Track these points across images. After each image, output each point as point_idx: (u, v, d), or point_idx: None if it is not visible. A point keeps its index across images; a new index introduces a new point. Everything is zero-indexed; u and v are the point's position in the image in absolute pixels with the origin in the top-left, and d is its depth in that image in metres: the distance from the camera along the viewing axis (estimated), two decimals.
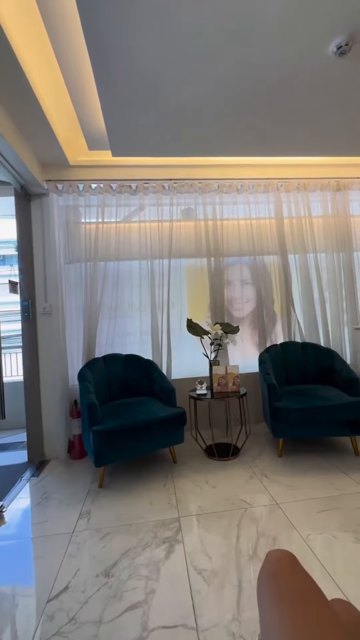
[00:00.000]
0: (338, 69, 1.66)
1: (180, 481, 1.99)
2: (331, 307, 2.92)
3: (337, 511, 1.59)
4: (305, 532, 1.46)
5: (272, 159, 2.78)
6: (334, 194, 2.96)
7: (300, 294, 2.91)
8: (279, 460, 2.18)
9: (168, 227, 2.81)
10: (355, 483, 1.83)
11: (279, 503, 1.69)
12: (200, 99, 1.83)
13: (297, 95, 1.86)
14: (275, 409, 2.12)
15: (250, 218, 2.87)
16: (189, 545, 1.42)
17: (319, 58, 1.59)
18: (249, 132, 2.21)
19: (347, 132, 2.30)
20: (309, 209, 2.94)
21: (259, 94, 1.82)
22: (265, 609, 0.45)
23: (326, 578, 1.19)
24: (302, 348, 2.72)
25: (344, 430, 2.11)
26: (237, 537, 1.45)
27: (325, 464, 2.09)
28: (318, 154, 2.62)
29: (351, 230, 3.00)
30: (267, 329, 2.88)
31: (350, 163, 2.94)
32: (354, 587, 1.15)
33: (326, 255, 2.97)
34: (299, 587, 0.45)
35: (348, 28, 1.41)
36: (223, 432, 2.69)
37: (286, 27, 1.40)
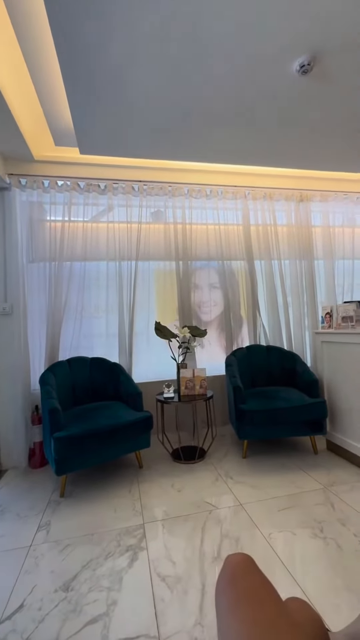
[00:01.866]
0: (301, 87, 1.75)
1: (146, 486, 1.96)
2: (294, 312, 3.06)
3: (296, 509, 1.65)
4: (267, 530, 1.49)
5: (240, 167, 2.86)
6: (298, 204, 3.11)
7: (266, 298, 3.02)
8: (243, 461, 2.23)
9: (137, 228, 2.78)
10: (314, 480, 1.92)
11: (243, 504, 1.72)
12: (167, 103, 1.84)
13: (261, 108, 1.93)
14: (240, 411, 2.16)
15: (219, 223, 2.93)
16: (153, 551, 1.40)
17: (283, 75, 1.66)
18: (216, 140, 2.26)
19: (306, 148, 2.42)
20: (274, 218, 3.06)
21: (224, 104, 1.87)
22: (222, 614, 0.45)
23: (286, 575, 1.23)
24: (266, 351, 2.81)
25: (304, 430, 2.20)
26: (202, 540, 1.45)
27: (287, 463, 2.17)
28: (282, 166, 2.73)
29: (312, 240, 3.16)
30: (234, 333, 2.94)
31: (312, 176, 3.11)
32: (312, 582, 1.19)
33: (290, 262, 3.10)
34: (254, 590, 0.45)
35: (310, 48, 1.50)
36: (190, 435, 2.70)
37: (251, 43, 1.45)
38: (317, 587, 1.16)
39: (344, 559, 1.30)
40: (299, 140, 2.31)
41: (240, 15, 1.33)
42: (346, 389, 2.16)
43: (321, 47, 1.49)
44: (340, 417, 2.22)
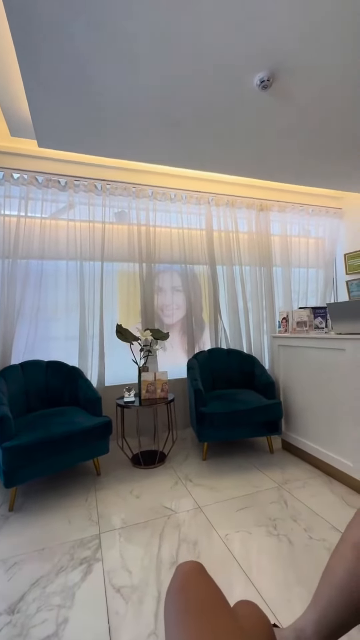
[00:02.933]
0: (261, 101, 1.83)
1: (104, 494, 1.89)
2: (253, 316, 3.17)
3: (253, 508, 1.70)
4: (224, 531, 1.52)
5: (204, 174, 2.91)
6: (258, 213, 3.24)
7: (227, 303, 3.09)
8: (203, 464, 2.25)
9: (100, 228, 2.71)
10: (269, 479, 1.99)
11: (202, 506, 1.73)
12: (131, 104, 1.82)
13: (223, 119, 1.98)
14: (201, 414, 2.18)
15: (183, 227, 2.95)
16: (109, 562, 1.35)
17: (244, 88, 1.72)
18: (178, 146, 2.27)
19: (265, 160, 2.53)
20: (236, 225, 3.15)
21: (187, 111, 1.89)
22: (169, 624, 0.44)
23: (241, 575, 1.25)
24: (227, 354, 2.88)
25: (261, 430, 2.28)
26: (159, 547, 1.43)
27: (244, 463, 2.23)
28: (243, 175, 2.82)
29: (271, 248, 3.31)
30: (195, 336, 2.98)
31: (272, 187, 3.26)
32: (265, 579, 1.22)
33: (250, 268, 3.22)
34: (202, 601, 0.45)
35: (269, 65, 1.57)
36: (151, 439, 2.67)
37: (214, 55, 1.49)
38: (270, 584, 1.20)
39: (295, 554, 1.35)
40: (258, 152, 2.40)
41: (201, 25, 1.35)
42: (300, 390, 2.27)
43: (278, 65, 1.57)
44: (294, 417, 2.33)
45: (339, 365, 1.89)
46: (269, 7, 1.29)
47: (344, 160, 2.60)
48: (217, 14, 1.31)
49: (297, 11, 1.31)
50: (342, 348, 1.85)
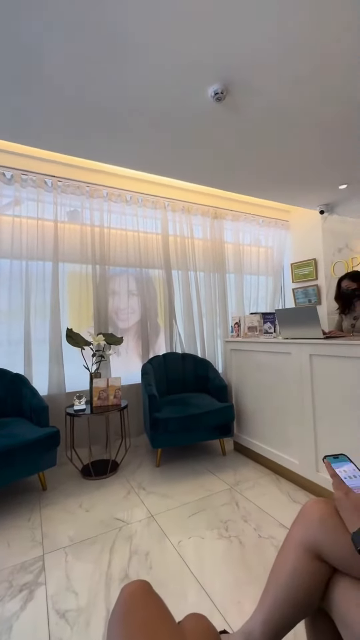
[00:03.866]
0: (216, 113, 1.88)
1: (49, 511, 1.76)
2: (207, 321, 3.23)
3: (206, 512, 1.71)
4: (177, 538, 1.50)
5: (161, 179, 2.92)
6: (212, 220, 3.33)
7: (182, 307, 3.11)
8: (157, 470, 2.22)
9: (51, 227, 2.57)
10: (221, 482, 2.02)
11: (154, 515, 1.70)
12: (83, 101, 1.76)
13: (178, 126, 2.00)
14: (154, 420, 2.15)
15: (138, 231, 2.92)
16: (53, 585, 1.25)
17: (199, 99, 1.76)
18: (134, 149, 2.25)
19: (219, 170, 2.62)
20: (191, 231, 3.20)
21: (140, 115, 1.88)
22: None
23: (193, 582, 1.24)
24: (182, 359, 2.89)
25: (215, 433, 2.32)
26: (109, 562, 1.36)
27: (197, 467, 2.24)
28: (198, 183, 2.89)
29: (225, 255, 3.42)
30: (150, 340, 2.95)
31: (226, 196, 3.38)
32: (217, 583, 1.23)
33: (204, 274, 3.28)
34: (146, 623, 0.43)
35: (222, 79, 1.62)
36: (103, 449, 2.57)
37: (170, 65, 1.50)
38: (222, 588, 1.20)
39: (245, 554, 1.38)
40: (213, 162, 2.48)
41: (158, 32, 1.36)
42: (250, 392, 2.36)
43: (232, 79, 1.63)
44: (245, 419, 2.41)
45: (285, 368, 2.00)
46: (222, 25, 1.34)
47: (290, 176, 2.78)
48: (174, 26, 1.32)
49: (248, 32, 1.38)
50: (289, 352, 1.96)
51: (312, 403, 1.80)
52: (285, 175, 2.76)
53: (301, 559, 0.71)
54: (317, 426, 1.78)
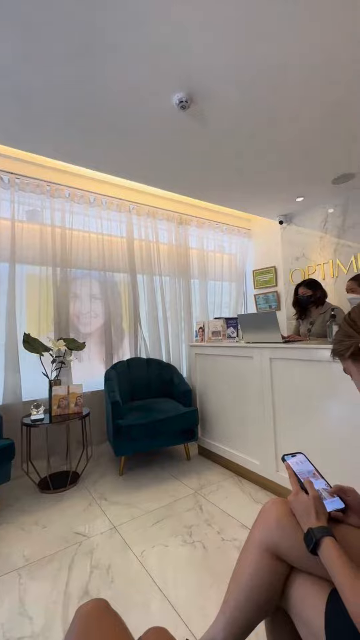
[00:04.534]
0: (180, 121, 1.91)
1: (2, 530, 1.64)
2: (172, 325, 3.24)
3: (170, 518, 1.69)
4: (140, 548, 1.46)
5: (125, 182, 2.89)
6: (178, 226, 3.36)
7: (147, 312, 3.09)
8: (120, 479, 2.16)
9: (7, 226, 2.43)
10: (185, 487, 2.02)
11: (117, 525, 1.65)
12: (46, 96, 1.70)
13: (143, 132, 2.00)
14: (117, 427, 2.10)
15: (102, 233, 2.86)
16: (4, 612, 1.16)
17: (163, 105, 1.77)
18: (98, 150, 2.21)
19: (184, 177, 2.65)
20: (157, 235, 3.20)
21: (104, 117, 1.85)
22: None
23: (156, 592, 1.21)
24: (146, 364, 2.86)
25: (179, 438, 2.31)
26: (68, 580, 1.29)
27: (162, 473, 2.22)
28: (164, 188, 2.91)
29: (190, 260, 3.46)
30: (115, 345, 2.88)
31: (191, 203, 3.43)
32: (181, 591, 1.21)
33: (169, 279, 3.29)
34: None
35: (187, 87, 1.65)
36: (62, 460, 2.45)
37: (133, 69, 1.50)
38: (186, 595, 1.19)
39: (209, 558, 1.38)
40: (177, 168, 2.51)
41: (125, 36, 1.35)
42: (214, 396, 2.39)
43: (196, 89, 1.67)
44: (209, 422, 2.44)
45: (247, 371, 2.06)
46: (188, 35, 1.36)
47: (251, 187, 2.90)
48: (139, 34, 1.32)
49: (213, 44, 1.42)
50: (250, 356, 2.02)
51: (272, 404, 1.87)
52: (247, 186, 2.87)
53: (261, 560, 0.72)
54: (277, 427, 1.85)
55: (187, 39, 1.39)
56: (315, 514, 0.67)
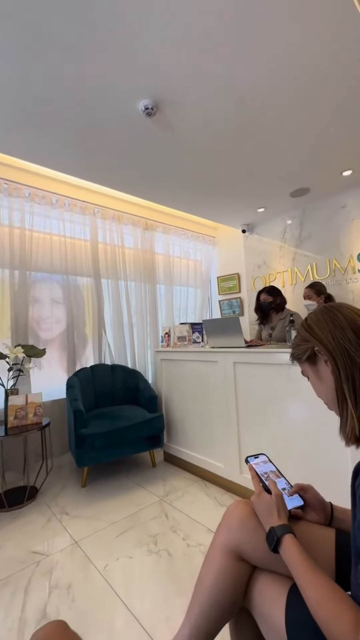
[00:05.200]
0: (146, 127, 1.92)
1: None
2: (138, 331, 3.21)
3: (134, 529, 1.65)
4: (104, 563, 1.41)
5: (90, 184, 2.83)
6: (144, 231, 3.36)
7: (112, 317, 3.03)
8: (82, 491, 2.07)
9: None
10: (151, 494, 1.99)
11: (79, 540, 1.57)
12: (13, 101, 1.62)
13: (109, 135, 1.99)
14: (80, 437, 2.02)
15: (65, 236, 2.77)
16: None
17: (129, 111, 1.77)
18: (61, 150, 2.16)
19: (149, 182, 2.66)
20: (122, 239, 3.17)
21: (68, 113, 1.81)
22: None
23: (121, 607, 1.17)
24: (111, 370, 2.79)
25: (144, 445, 2.28)
26: (24, 604, 1.21)
27: (127, 482, 2.17)
28: (129, 193, 2.89)
29: (156, 266, 3.47)
30: (77, 352, 2.78)
31: (157, 209, 3.44)
32: (146, 603, 1.18)
33: (135, 284, 3.27)
34: None
35: (152, 95, 1.67)
36: (20, 474, 2.30)
37: (100, 73, 1.49)
38: (151, 606, 1.17)
39: (174, 566, 1.37)
40: (143, 173, 2.51)
41: (89, 37, 1.34)
42: (180, 401, 2.40)
43: (161, 97, 1.69)
44: (175, 428, 2.43)
45: (212, 375, 2.09)
46: (154, 46, 1.38)
47: (215, 197, 2.99)
48: (107, 39, 1.32)
49: (179, 56, 1.45)
50: (215, 360, 2.05)
51: (236, 407, 1.91)
52: (212, 195, 2.95)
53: (225, 563, 0.73)
54: (241, 429, 1.90)
55: (153, 48, 1.41)
56: (277, 512, 0.69)
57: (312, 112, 1.88)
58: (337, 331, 0.62)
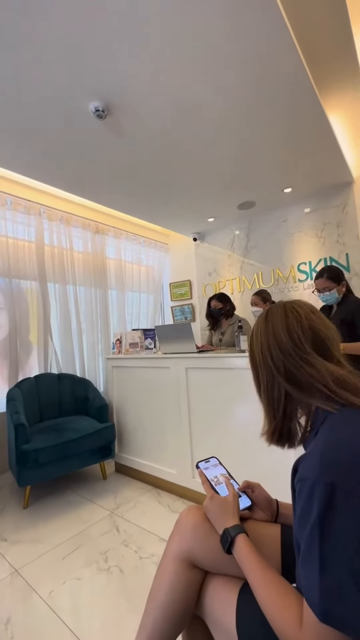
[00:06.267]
0: (96, 129, 1.88)
1: None
2: (88, 338, 3.08)
3: (83, 547, 1.56)
4: (48, 589, 1.30)
5: (36, 183, 2.67)
6: (94, 235, 3.26)
7: (59, 323, 2.88)
8: (24, 513, 1.90)
9: None
10: (101, 509, 1.90)
11: (19, 568, 1.43)
12: None
13: (56, 134, 1.91)
14: (22, 453, 1.86)
15: (7, 236, 2.57)
16: None
17: (79, 112, 1.73)
18: (5, 146, 2.02)
19: (99, 185, 2.60)
20: (71, 242, 3.04)
21: (17, 112, 1.71)
22: None
23: (68, 635, 1.09)
24: (58, 379, 2.63)
25: (94, 457, 2.18)
26: None
27: (74, 498, 2.04)
28: (79, 195, 2.79)
29: (107, 270, 3.38)
30: (20, 361, 2.58)
31: (108, 213, 3.37)
32: (96, 626, 1.12)
33: (85, 289, 3.15)
34: None
35: (103, 98, 1.64)
36: None
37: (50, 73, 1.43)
38: (100, 630, 1.10)
39: (126, 582, 1.32)
40: (93, 176, 2.45)
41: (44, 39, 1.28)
42: (132, 409, 2.35)
43: (112, 101, 1.67)
44: (127, 437, 2.37)
45: (164, 381, 2.09)
46: (105, 48, 1.37)
47: (166, 204, 3.03)
48: (55, 39, 1.26)
49: (131, 58, 1.45)
50: (167, 366, 2.06)
51: (188, 413, 1.93)
52: (163, 203, 2.99)
53: (178, 572, 0.72)
54: (193, 434, 1.92)
55: (106, 52, 1.39)
56: (232, 513, 0.70)
57: (255, 131, 2.01)
58: (262, 342, 0.64)
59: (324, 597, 0.43)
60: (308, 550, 0.46)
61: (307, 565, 0.46)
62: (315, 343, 0.59)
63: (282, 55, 1.47)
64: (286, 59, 1.48)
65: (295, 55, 1.47)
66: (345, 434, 0.50)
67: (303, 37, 1.56)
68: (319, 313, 0.64)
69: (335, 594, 0.42)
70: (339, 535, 0.43)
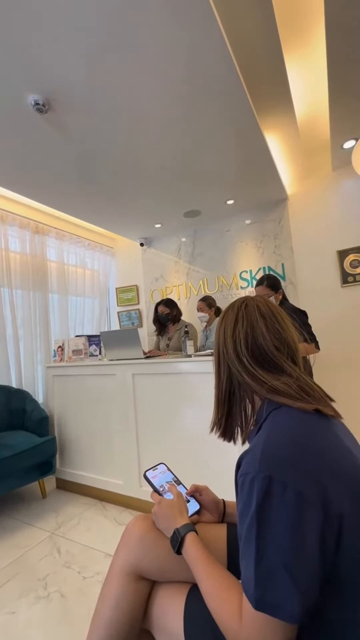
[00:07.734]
0: (36, 124, 1.77)
1: None
2: (25, 345, 2.86)
3: (19, 576, 1.41)
4: None
5: None
6: (33, 235, 3.05)
7: None
8: None
9: None
10: (41, 531, 1.76)
11: None
12: None
13: None
14: None
15: None
16: None
17: (17, 104, 1.61)
18: None
19: (39, 182, 2.44)
20: (6, 242, 2.80)
21: None
22: None
23: None
24: None
25: (33, 475, 2.01)
26: None
27: (9, 522, 1.86)
28: (16, 191, 2.59)
29: (48, 273, 3.18)
30: None
31: (49, 212, 3.18)
32: None
33: (23, 292, 2.92)
34: None
35: (43, 91, 1.56)
36: None
37: None
38: None
39: (68, 607, 1.23)
40: (32, 171, 2.29)
41: None
42: (75, 420, 2.22)
43: (53, 96, 1.59)
44: (69, 450, 2.23)
45: (110, 389, 2.02)
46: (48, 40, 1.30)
47: (112, 208, 2.97)
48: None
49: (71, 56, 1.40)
50: (114, 373, 2.00)
51: (135, 420, 1.89)
52: (108, 206, 2.92)
53: (124, 585, 0.69)
54: (140, 441, 1.88)
55: (41, 43, 1.32)
56: (180, 512, 0.70)
57: (195, 143, 2.09)
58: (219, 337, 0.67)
59: (258, 586, 0.44)
60: (247, 542, 0.47)
61: (246, 557, 0.47)
62: (255, 355, 0.61)
63: (219, 69, 1.54)
64: (224, 74, 1.56)
65: (234, 74, 1.56)
66: (285, 431, 0.53)
67: (240, 56, 1.67)
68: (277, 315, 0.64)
69: (268, 581, 0.44)
70: (275, 526, 0.45)
